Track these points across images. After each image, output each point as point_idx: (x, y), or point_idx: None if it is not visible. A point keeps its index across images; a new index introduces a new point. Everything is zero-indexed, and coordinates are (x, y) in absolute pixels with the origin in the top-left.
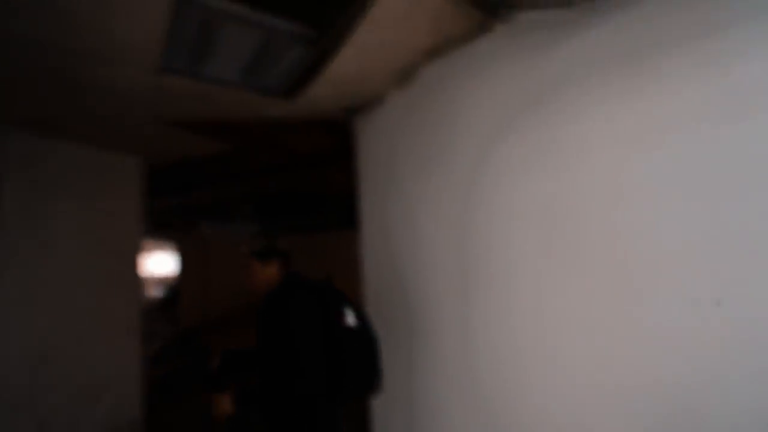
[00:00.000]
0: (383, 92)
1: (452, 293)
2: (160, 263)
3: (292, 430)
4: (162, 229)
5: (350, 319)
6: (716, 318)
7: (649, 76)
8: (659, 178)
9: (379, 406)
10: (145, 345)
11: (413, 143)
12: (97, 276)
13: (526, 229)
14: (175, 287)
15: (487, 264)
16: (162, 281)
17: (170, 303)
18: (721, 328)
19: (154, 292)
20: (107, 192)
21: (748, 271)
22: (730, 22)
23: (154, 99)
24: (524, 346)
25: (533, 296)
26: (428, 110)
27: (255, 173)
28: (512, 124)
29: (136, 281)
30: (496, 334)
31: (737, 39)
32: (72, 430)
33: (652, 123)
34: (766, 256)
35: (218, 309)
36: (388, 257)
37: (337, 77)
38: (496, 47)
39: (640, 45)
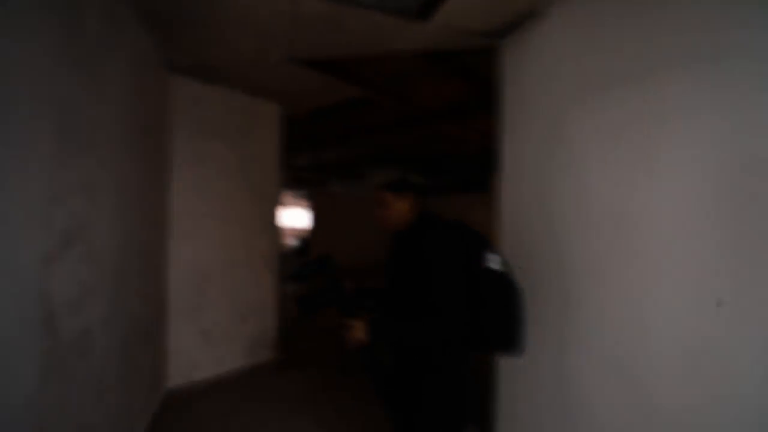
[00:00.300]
0: (542, 3)
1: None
2: (295, 216)
3: (418, 374)
4: (297, 184)
5: (492, 263)
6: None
7: None
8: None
9: (520, 388)
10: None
11: (582, 71)
12: (244, 214)
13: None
14: (306, 239)
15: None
16: (296, 233)
17: (302, 253)
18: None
19: (289, 243)
20: (251, 136)
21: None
22: None
23: (288, 31)
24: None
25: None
26: (607, 26)
27: (382, 128)
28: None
29: (275, 224)
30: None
31: None
32: (226, 341)
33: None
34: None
35: (343, 262)
36: (540, 215)
37: None
38: None
39: None
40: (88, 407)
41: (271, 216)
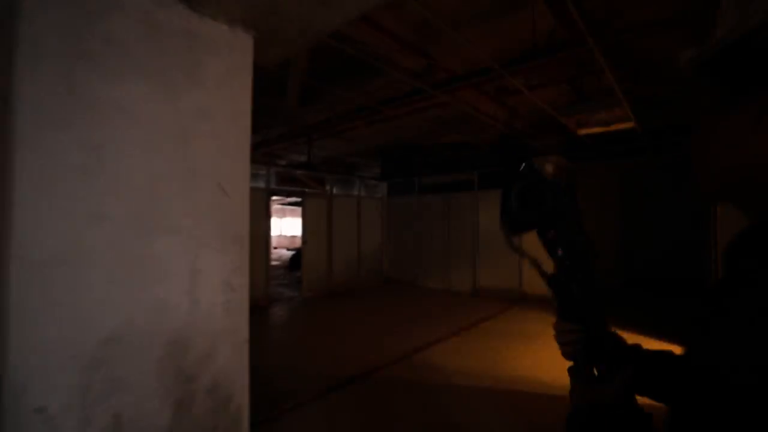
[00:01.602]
0: None
1: None
2: (285, 224)
3: None
4: (288, 185)
5: None
6: None
7: None
8: None
9: None
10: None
11: None
12: (182, 216)
13: None
14: (298, 249)
15: None
16: (287, 242)
17: (293, 266)
18: None
19: (279, 253)
20: (201, 82)
21: None
22: None
23: None
24: None
25: None
26: None
27: (393, 100)
28: None
29: (244, 230)
30: None
31: None
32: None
33: None
34: None
35: (341, 278)
36: None
37: None
38: None
39: None
40: None
41: (235, 217)
